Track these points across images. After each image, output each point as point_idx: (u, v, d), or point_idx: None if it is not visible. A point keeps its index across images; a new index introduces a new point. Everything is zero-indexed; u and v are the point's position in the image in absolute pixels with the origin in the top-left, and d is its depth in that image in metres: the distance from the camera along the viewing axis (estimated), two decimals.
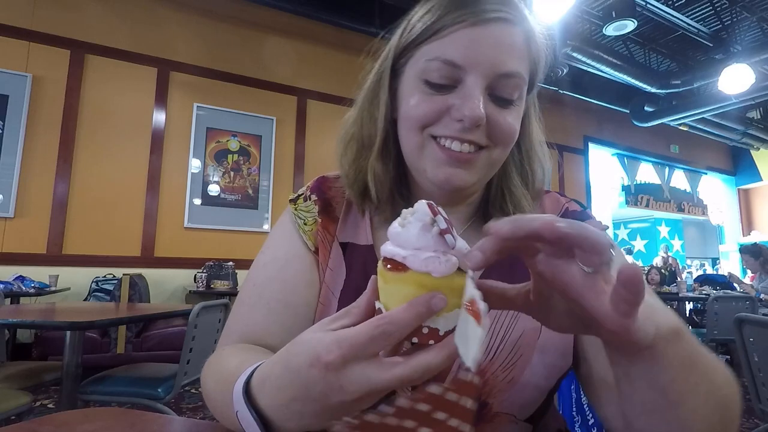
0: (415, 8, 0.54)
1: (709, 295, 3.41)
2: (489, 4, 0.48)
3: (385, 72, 0.56)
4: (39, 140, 3.70)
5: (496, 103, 0.50)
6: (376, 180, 0.57)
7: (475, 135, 0.49)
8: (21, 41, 3.73)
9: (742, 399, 0.40)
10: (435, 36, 0.49)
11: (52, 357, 3.07)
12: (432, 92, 0.50)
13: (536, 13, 0.53)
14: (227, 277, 3.96)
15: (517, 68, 0.49)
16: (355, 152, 0.59)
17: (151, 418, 0.50)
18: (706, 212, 9.02)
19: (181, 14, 4.36)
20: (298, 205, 0.63)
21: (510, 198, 0.57)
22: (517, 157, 0.59)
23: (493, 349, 0.51)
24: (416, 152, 0.53)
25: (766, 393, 1.64)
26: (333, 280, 0.57)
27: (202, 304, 1.82)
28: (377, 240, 0.59)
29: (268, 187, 4.54)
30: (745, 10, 4.97)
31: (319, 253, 0.59)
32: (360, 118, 0.59)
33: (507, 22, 0.49)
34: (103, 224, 3.84)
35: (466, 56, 0.48)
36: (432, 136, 0.51)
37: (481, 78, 0.48)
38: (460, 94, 0.49)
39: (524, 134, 0.58)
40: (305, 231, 0.60)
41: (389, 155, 0.57)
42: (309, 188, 0.64)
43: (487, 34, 0.48)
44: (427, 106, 0.50)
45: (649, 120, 6.38)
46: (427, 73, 0.49)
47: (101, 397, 1.76)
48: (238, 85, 4.52)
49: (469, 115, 0.47)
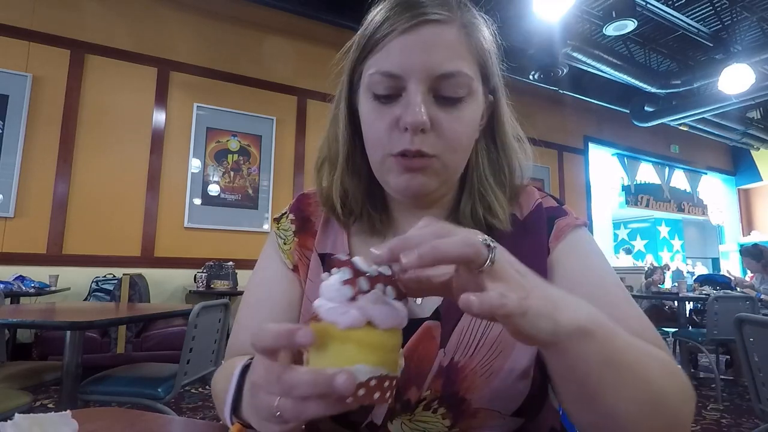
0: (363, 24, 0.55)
1: (709, 295, 3.41)
2: (418, 8, 0.49)
3: (342, 90, 0.57)
4: (39, 140, 3.70)
5: (444, 105, 0.50)
6: (345, 195, 0.59)
7: (424, 144, 0.49)
8: (21, 41, 3.73)
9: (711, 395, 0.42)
10: (373, 50, 0.51)
11: (52, 357, 3.07)
12: (380, 104, 0.51)
13: (470, 6, 0.51)
14: (227, 277, 3.96)
15: (456, 67, 0.49)
16: (327, 172, 0.61)
17: (151, 418, 0.50)
18: (706, 212, 9.02)
19: (181, 14, 4.36)
20: (280, 225, 0.65)
21: (481, 201, 0.57)
22: (493, 152, 0.59)
23: (473, 345, 0.52)
24: (378, 167, 0.54)
25: (766, 393, 1.64)
26: (312, 292, 0.59)
27: (202, 304, 1.82)
28: (354, 251, 0.60)
29: (268, 187, 4.54)
30: (745, 10, 4.97)
31: (299, 270, 0.62)
32: (327, 139, 0.61)
33: (437, 23, 0.49)
34: (103, 224, 3.85)
35: (400, 65, 0.48)
36: (389, 154, 0.52)
37: (419, 83, 0.48)
38: (403, 102, 0.49)
39: (496, 128, 0.58)
40: (284, 250, 0.63)
41: (357, 169, 0.58)
42: (290, 207, 0.67)
43: (417, 39, 0.48)
44: (380, 122, 0.51)
45: (649, 120, 6.38)
46: (373, 86, 0.51)
47: (101, 397, 1.76)
48: (238, 85, 4.52)
49: (411, 120, 0.48)
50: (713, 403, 3.15)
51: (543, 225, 0.58)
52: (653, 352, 0.41)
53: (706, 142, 8.19)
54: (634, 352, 0.38)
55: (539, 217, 0.58)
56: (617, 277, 0.54)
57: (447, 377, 0.51)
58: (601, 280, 0.53)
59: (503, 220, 0.56)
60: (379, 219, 0.60)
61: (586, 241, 0.57)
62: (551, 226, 0.57)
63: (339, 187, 0.58)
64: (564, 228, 0.57)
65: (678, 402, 0.39)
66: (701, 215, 8.95)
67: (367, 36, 0.51)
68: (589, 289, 0.52)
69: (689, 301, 4.56)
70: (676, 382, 0.40)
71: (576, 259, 0.55)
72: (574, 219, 0.59)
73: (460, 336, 0.52)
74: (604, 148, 7.37)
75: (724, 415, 2.90)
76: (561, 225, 0.57)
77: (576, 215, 0.59)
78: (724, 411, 2.99)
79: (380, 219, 0.60)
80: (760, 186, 8.89)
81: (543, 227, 0.57)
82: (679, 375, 0.41)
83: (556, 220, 0.58)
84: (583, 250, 0.56)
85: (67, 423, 0.38)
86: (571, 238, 0.56)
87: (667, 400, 0.38)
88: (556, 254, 0.56)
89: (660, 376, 0.38)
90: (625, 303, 0.51)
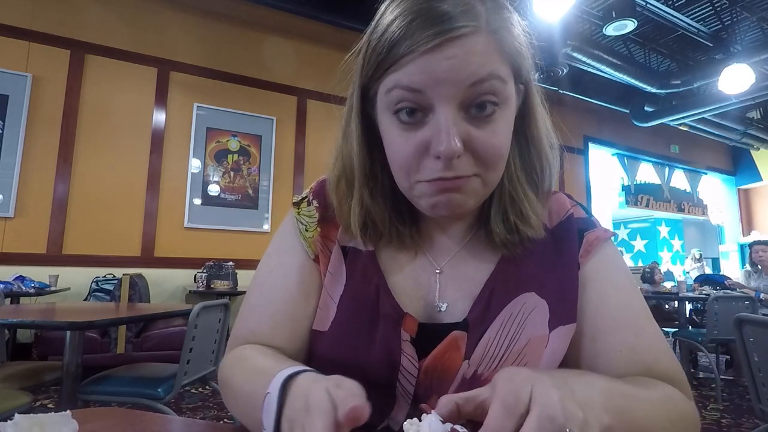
0: (371, 29, 0.49)
1: (709, 295, 3.41)
2: (442, 23, 0.43)
3: (354, 105, 0.52)
4: (39, 140, 3.70)
5: (476, 121, 0.45)
6: (369, 220, 0.55)
7: (459, 169, 0.46)
8: (21, 41, 3.73)
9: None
10: (391, 68, 0.45)
11: (52, 357, 3.07)
12: (406, 126, 0.46)
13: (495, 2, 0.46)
14: (227, 277, 3.96)
15: (487, 70, 0.44)
16: (345, 191, 0.56)
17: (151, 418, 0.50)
18: (706, 212, 9.02)
19: (181, 14, 4.36)
20: (301, 210, 0.61)
21: (512, 206, 0.53)
22: (525, 147, 0.55)
23: (498, 356, 0.51)
24: (407, 191, 0.51)
25: (766, 393, 1.64)
26: (332, 285, 0.57)
27: (202, 304, 1.82)
28: (379, 246, 0.58)
29: (268, 187, 4.55)
30: (745, 10, 4.97)
31: (319, 261, 0.58)
32: (341, 155, 0.56)
33: (463, 36, 0.43)
34: (103, 224, 3.85)
35: (424, 83, 0.44)
36: (420, 181, 0.48)
37: (448, 102, 0.44)
38: (432, 125, 0.45)
39: (528, 120, 0.54)
40: (306, 238, 0.59)
41: (380, 189, 0.54)
42: (312, 191, 0.62)
43: (442, 57, 0.43)
44: (406, 148, 0.47)
45: (649, 120, 6.38)
46: (394, 106, 0.46)
47: (101, 397, 1.76)
48: (238, 85, 4.52)
49: (444, 150, 0.43)
50: (713, 403, 3.15)
51: (573, 238, 0.56)
52: (660, 397, 0.44)
53: (706, 142, 8.19)
54: (642, 410, 0.40)
55: (570, 230, 0.56)
56: (641, 295, 0.55)
57: (469, 389, 0.50)
58: (628, 301, 0.53)
59: (536, 227, 0.53)
60: (409, 234, 0.56)
61: (614, 257, 0.56)
62: (580, 238, 0.56)
63: (359, 213, 0.54)
64: (594, 242, 0.55)
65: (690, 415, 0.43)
66: (701, 215, 8.95)
67: (382, 52, 0.46)
68: (616, 310, 0.52)
69: (689, 301, 4.56)
70: (683, 423, 0.43)
71: (606, 278, 0.54)
72: (603, 232, 0.57)
73: (486, 347, 0.51)
74: (604, 148, 7.37)
75: (724, 415, 2.90)
76: (590, 239, 0.56)
77: (604, 227, 0.58)
78: (724, 411, 2.99)
79: (409, 234, 0.57)
80: (760, 186, 8.89)
81: (573, 240, 0.56)
82: (686, 413, 0.44)
83: (586, 233, 0.56)
84: (612, 267, 0.55)
85: (67, 423, 0.38)
86: (600, 254, 0.55)
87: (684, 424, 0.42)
88: (587, 271, 0.54)
89: (668, 426, 0.41)
90: (647, 328, 0.52)
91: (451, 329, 0.52)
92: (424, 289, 0.55)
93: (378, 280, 0.55)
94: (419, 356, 0.51)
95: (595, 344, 0.51)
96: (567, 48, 4.58)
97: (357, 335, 0.53)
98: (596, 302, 0.53)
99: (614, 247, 0.58)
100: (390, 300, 0.54)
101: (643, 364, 0.49)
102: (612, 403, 0.37)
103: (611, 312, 0.52)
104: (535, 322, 0.51)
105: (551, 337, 0.51)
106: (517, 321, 0.52)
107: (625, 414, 0.38)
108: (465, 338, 0.51)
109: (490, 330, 0.51)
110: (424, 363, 0.51)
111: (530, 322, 0.51)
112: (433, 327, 0.53)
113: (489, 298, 0.53)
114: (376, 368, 0.51)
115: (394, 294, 0.54)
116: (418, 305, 0.54)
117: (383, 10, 0.48)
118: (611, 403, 0.37)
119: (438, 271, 0.56)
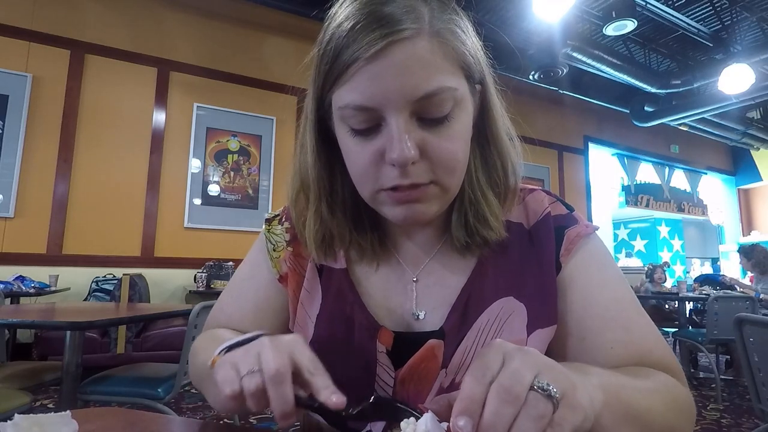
0: (321, 34, 0.48)
1: (709, 295, 3.41)
2: (385, 26, 0.42)
3: (308, 116, 0.52)
4: (39, 140, 3.70)
5: (430, 126, 0.44)
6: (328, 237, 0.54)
7: (415, 176, 0.45)
8: (21, 41, 3.73)
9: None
10: (339, 79, 0.44)
11: (52, 357, 3.07)
12: (361, 138, 0.46)
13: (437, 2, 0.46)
14: (227, 277, 3.96)
15: (437, 83, 0.43)
16: (304, 206, 0.56)
17: (151, 418, 0.50)
18: (706, 212, 9.02)
19: (181, 14, 4.36)
20: (272, 227, 0.62)
21: (471, 211, 0.52)
22: (486, 148, 0.53)
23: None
24: (370, 200, 0.50)
25: (766, 393, 1.64)
26: (309, 302, 0.57)
27: (202, 304, 1.82)
28: (351, 263, 0.58)
29: (268, 187, 4.55)
30: (745, 10, 4.97)
31: (288, 279, 0.59)
32: (299, 169, 0.56)
33: (406, 40, 0.42)
34: (103, 224, 3.84)
35: (373, 96, 0.43)
36: (380, 189, 0.48)
37: (398, 112, 0.43)
38: (385, 133, 0.44)
39: (487, 120, 0.52)
40: (272, 257, 0.60)
41: (339, 200, 0.53)
42: (285, 212, 0.63)
43: (387, 64, 0.42)
44: (363, 158, 0.46)
45: (649, 120, 6.37)
46: (347, 120, 0.45)
47: (101, 397, 1.76)
48: (238, 85, 4.52)
49: (398, 158, 0.43)
50: (713, 403, 3.15)
51: (550, 237, 0.54)
52: (655, 385, 0.44)
53: (706, 142, 8.19)
54: (639, 397, 0.40)
55: (547, 229, 0.55)
56: (629, 287, 0.54)
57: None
58: (615, 295, 0.52)
59: (495, 229, 0.52)
60: (373, 246, 0.56)
61: (598, 252, 0.55)
62: (560, 236, 0.54)
63: (317, 228, 0.53)
64: (575, 239, 0.54)
65: (683, 425, 0.44)
66: (701, 215, 8.95)
67: (329, 61, 0.44)
68: (604, 308, 0.51)
69: (689, 301, 4.56)
70: (679, 408, 0.44)
71: (590, 276, 0.53)
72: (584, 227, 0.55)
73: (463, 356, 0.51)
74: (604, 148, 7.37)
75: (724, 415, 2.90)
76: (571, 236, 0.54)
77: (586, 222, 0.56)
78: (724, 411, 2.99)
79: (376, 244, 0.56)
80: (760, 186, 8.89)
81: (550, 240, 0.54)
82: (682, 399, 0.45)
83: (566, 230, 0.54)
84: (597, 263, 0.54)
85: (67, 423, 0.38)
86: (583, 251, 0.54)
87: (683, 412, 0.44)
88: (569, 270, 0.53)
89: (665, 411, 0.42)
90: (637, 320, 0.51)
91: (428, 338, 0.52)
92: (400, 299, 0.55)
93: (353, 297, 0.55)
94: (396, 366, 0.52)
95: (584, 343, 0.51)
96: (567, 48, 4.58)
97: (334, 352, 0.53)
98: (582, 302, 0.52)
99: (598, 241, 0.56)
100: (365, 314, 0.54)
101: (637, 357, 0.49)
102: (608, 385, 0.38)
103: (599, 311, 0.51)
104: (513, 327, 0.51)
105: (529, 341, 0.51)
106: (494, 327, 0.52)
107: (621, 397, 0.38)
108: (442, 347, 0.51)
109: (467, 338, 0.51)
110: (400, 372, 0.51)
111: (507, 328, 0.51)
112: (410, 336, 0.53)
113: (466, 305, 0.52)
114: (354, 381, 0.51)
115: (369, 308, 0.55)
116: (394, 316, 0.55)
117: (333, 13, 0.47)
118: (607, 385, 0.37)
119: (414, 280, 0.56)
